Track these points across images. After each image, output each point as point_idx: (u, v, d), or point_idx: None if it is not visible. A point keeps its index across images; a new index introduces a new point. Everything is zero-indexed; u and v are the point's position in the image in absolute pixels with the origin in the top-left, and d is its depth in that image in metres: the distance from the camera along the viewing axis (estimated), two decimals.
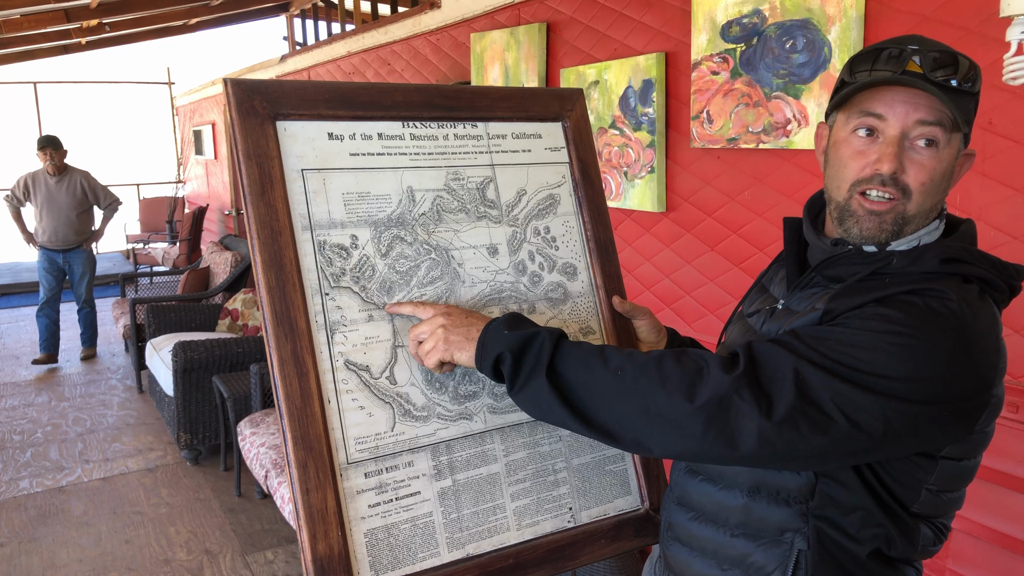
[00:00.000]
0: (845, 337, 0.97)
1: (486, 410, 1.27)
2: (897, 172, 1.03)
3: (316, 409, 1.13)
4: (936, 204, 1.07)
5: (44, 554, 3.45)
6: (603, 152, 3.03)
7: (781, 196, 2.38)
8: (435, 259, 1.28)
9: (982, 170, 1.88)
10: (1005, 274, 1.05)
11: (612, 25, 2.97)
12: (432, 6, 4.21)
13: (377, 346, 1.20)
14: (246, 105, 1.18)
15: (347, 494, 1.14)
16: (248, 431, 3.51)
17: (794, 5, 2.24)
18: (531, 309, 1.34)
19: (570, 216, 1.43)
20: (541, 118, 1.44)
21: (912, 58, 1.02)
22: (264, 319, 1.13)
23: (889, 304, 0.99)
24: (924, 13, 1.96)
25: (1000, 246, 1.84)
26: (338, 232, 1.21)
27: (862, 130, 1.06)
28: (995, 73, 1.80)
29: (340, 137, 1.25)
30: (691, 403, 0.95)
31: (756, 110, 2.39)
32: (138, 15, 6.56)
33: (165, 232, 10.00)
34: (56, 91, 12.33)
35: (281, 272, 1.15)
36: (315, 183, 1.21)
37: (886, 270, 1.07)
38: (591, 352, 1.05)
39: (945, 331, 0.95)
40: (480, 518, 1.23)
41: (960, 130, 1.04)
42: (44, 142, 5.99)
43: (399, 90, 1.31)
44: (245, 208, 1.16)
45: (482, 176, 1.36)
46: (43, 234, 6.08)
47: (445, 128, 1.34)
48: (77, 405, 5.36)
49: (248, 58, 7.52)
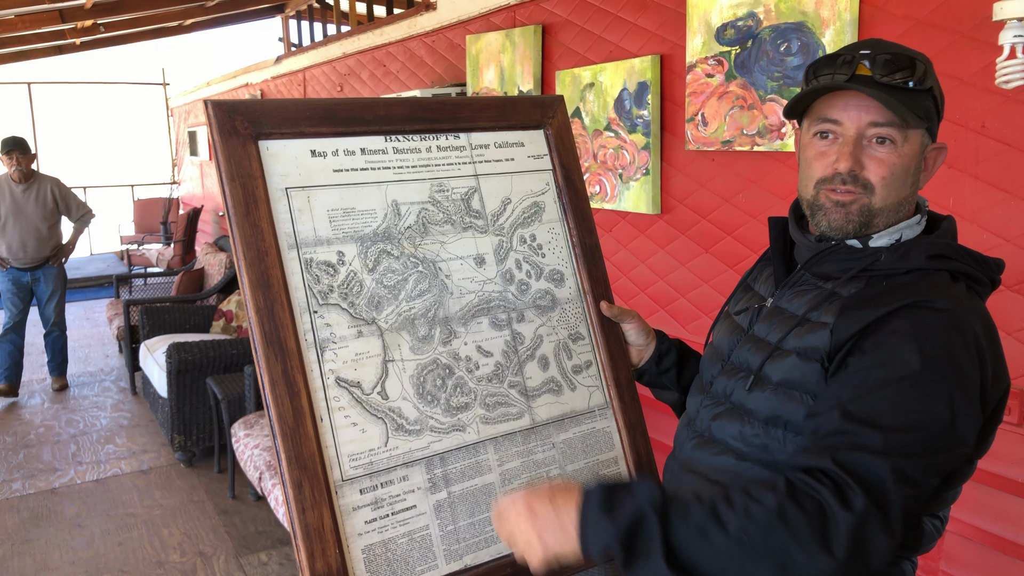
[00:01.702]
0: (893, 401, 0.98)
1: (479, 421, 1.27)
2: (856, 170, 1.09)
3: (309, 428, 1.13)
4: (905, 198, 1.12)
5: (37, 556, 3.43)
6: (598, 154, 3.03)
7: (775, 199, 2.39)
8: (422, 272, 1.28)
9: (975, 173, 1.88)
10: (986, 268, 1.11)
11: (607, 27, 2.98)
12: (428, 8, 4.21)
13: (368, 362, 1.20)
14: (227, 126, 1.18)
15: (343, 511, 1.14)
16: (242, 433, 3.50)
17: (788, 8, 2.24)
18: (520, 317, 1.35)
19: (555, 223, 1.43)
20: (523, 126, 1.45)
21: (862, 62, 1.08)
22: (253, 339, 1.13)
23: (902, 334, 1.00)
24: (917, 17, 1.97)
25: (993, 248, 1.84)
26: (324, 249, 1.21)
27: (821, 134, 1.13)
28: (988, 77, 1.81)
29: (323, 154, 1.25)
30: (832, 556, 0.91)
31: (751, 113, 2.40)
32: (133, 16, 6.55)
33: (159, 233, 9.98)
34: (50, 92, 12.30)
35: (269, 292, 1.15)
36: (299, 201, 1.21)
37: (875, 267, 1.10)
38: (704, 519, 0.95)
39: (967, 347, 1.00)
40: (477, 529, 1.23)
41: (918, 126, 1.08)
42: (10, 144, 5.18)
43: (380, 104, 1.31)
44: (230, 229, 1.15)
45: (466, 187, 1.36)
46: (8, 249, 5.31)
47: (428, 140, 1.35)
48: (70, 407, 5.35)
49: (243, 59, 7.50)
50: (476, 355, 1.30)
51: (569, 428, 1.36)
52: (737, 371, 1.21)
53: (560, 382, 1.36)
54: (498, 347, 1.32)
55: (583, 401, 1.38)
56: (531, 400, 1.33)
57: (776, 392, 1.11)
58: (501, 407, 1.30)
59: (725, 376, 1.23)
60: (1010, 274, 1.83)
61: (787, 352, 1.12)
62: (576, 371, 1.39)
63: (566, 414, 1.36)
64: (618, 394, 1.40)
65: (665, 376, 1.44)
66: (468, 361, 1.29)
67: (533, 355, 1.35)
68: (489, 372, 1.30)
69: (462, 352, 1.28)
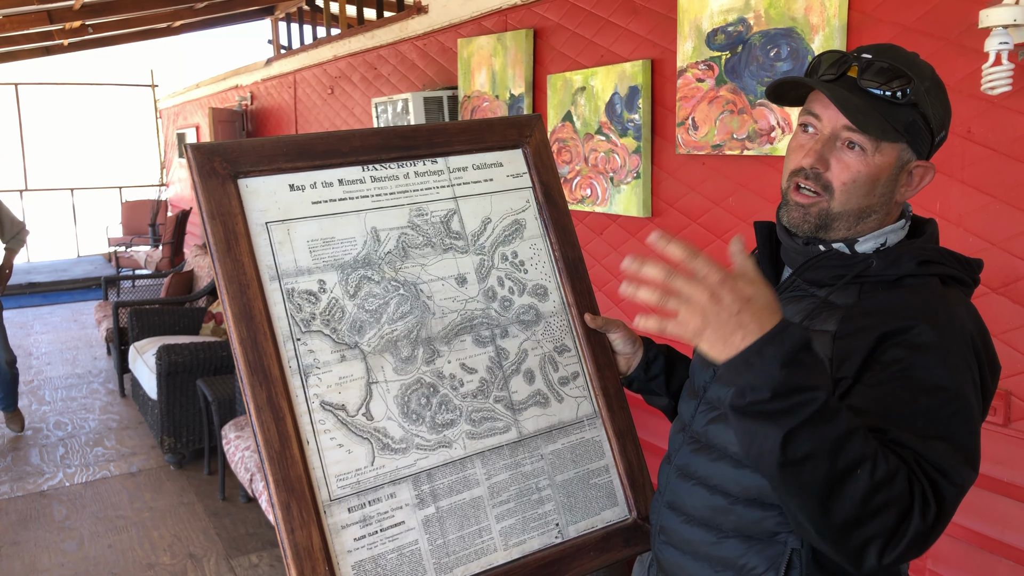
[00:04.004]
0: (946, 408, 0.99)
1: (465, 436, 1.29)
2: (819, 168, 1.10)
3: (295, 451, 1.16)
4: (870, 207, 1.11)
5: (26, 559, 3.42)
6: (589, 158, 3.05)
7: (765, 202, 2.41)
8: (404, 294, 1.30)
9: (961, 178, 1.91)
10: (969, 270, 1.14)
11: (599, 32, 3.00)
12: (419, 11, 4.22)
13: (351, 384, 1.23)
14: (206, 167, 1.22)
15: (332, 530, 1.17)
16: (232, 435, 3.50)
17: (778, 14, 2.27)
18: (504, 333, 1.37)
19: (537, 239, 1.45)
20: (501, 147, 1.47)
21: (854, 63, 1.09)
22: (238, 369, 1.17)
23: (921, 349, 1.01)
24: (905, 23, 2.00)
25: (979, 252, 1.87)
26: (305, 279, 1.24)
27: (803, 126, 1.14)
28: (974, 83, 1.84)
29: (301, 187, 1.28)
30: (882, 557, 0.91)
31: (741, 117, 2.42)
32: (121, 17, 6.52)
33: (148, 235, 9.94)
34: (38, 93, 12.23)
35: (251, 323, 1.18)
36: (280, 234, 1.25)
37: (867, 273, 1.11)
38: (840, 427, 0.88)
39: (964, 338, 1.03)
40: (466, 542, 1.25)
41: (885, 138, 1.07)
42: None
43: (356, 135, 1.34)
44: (213, 265, 1.20)
45: (445, 209, 1.38)
46: None
47: (405, 167, 1.37)
48: (58, 409, 5.32)
49: (233, 61, 7.48)
50: (460, 372, 1.32)
51: (557, 439, 1.37)
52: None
53: (547, 394, 1.38)
54: (482, 363, 1.33)
55: (571, 412, 1.39)
56: (517, 413, 1.35)
57: None
58: (487, 422, 1.31)
59: (719, 382, 1.22)
60: (995, 277, 1.86)
61: None
62: (563, 382, 1.40)
63: (554, 425, 1.37)
64: (606, 403, 1.41)
65: (654, 382, 1.44)
66: (452, 379, 1.31)
67: (518, 369, 1.37)
68: (474, 388, 1.32)
69: (446, 370, 1.30)
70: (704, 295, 0.89)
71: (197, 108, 8.52)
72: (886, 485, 0.88)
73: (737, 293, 0.89)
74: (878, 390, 1.00)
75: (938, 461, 0.94)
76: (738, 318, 0.88)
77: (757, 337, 0.87)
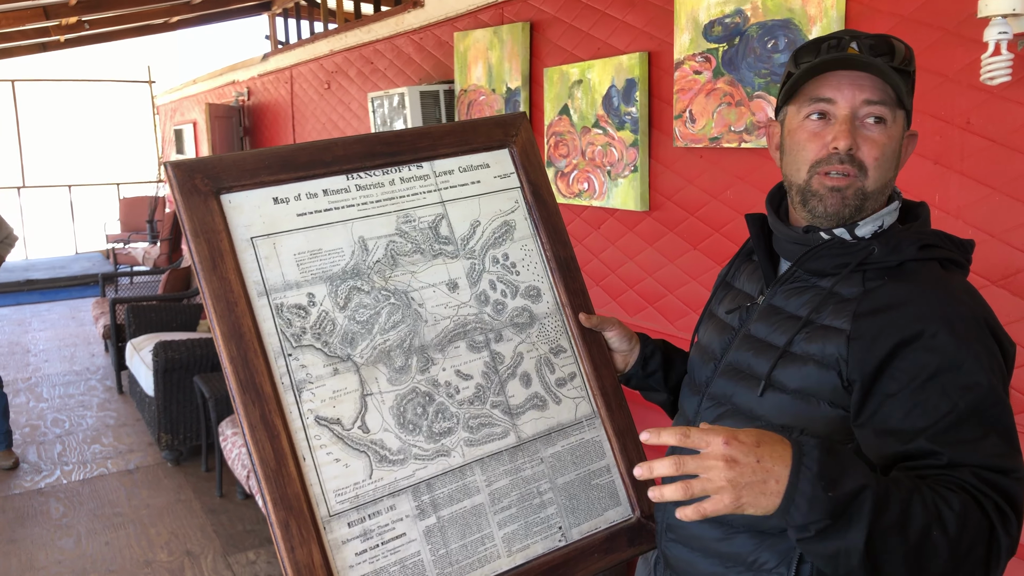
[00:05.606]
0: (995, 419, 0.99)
1: (463, 444, 1.27)
2: (853, 149, 1.08)
3: (291, 469, 1.14)
4: (890, 181, 1.13)
5: (23, 556, 3.41)
6: (586, 151, 3.03)
7: (763, 194, 2.39)
8: (395, 303, 1.28)
9: (960, 169, 1.90)
10: (963, 251, 1.14)
11: (595, 24, 2.98)
12: (415, 5, 4.20)
13: (346, 398, 1.21)
14: (188, 185, 1.19)
15: (332, 546, 1.15)
16: (230, 431, 3.49)
17: (776, 5, 2.25)
18: (498, 337, 1.35)
19: (527, 239, 1.43)
20: (487, 147, 1.44)
21: (851, 44, 1.09)
22: (230, 388, 1.15)
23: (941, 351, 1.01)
24: (903, 14, 1.98)
25: (979, 243, 1.86)
26: (294, 292, 1.22)
27: (815, 115, 1.11)
28: (973, 73, 1.82)
29: (286, 200, 1.26)
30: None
31: (738, 109, 2.40)
32: (118, 13, 6.50)
33: (145, 232, 9.92)
34: (35, 89, 12.21)
35: (241, 341, 1.16)
36: (265, 249, 1.22)
37: (869, 260, 1.09)
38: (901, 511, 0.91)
39: (977, 323, 1.03)
40: (469, 550, 1.24)
41: (903, 107, 1.10)
42: None
43: (338, 144, 1.32)
44: (199, 283, 1.18)
45: (433, 214, 1.36)
46: None
47: (390, 173, 1.35)
48: (56, 406, 5.31)
49: (230, 57, 7.45)
50: (455, 379, 1.30)
51: (557, 442, 1.35)
52: (737, 373, 1.19)
53: (544, 397, 1.36)
54: (477, 369, 1.32)
55: (569, 413, 1.38)
56: (515, 418, 1.33)
57: (795, 399, 1.10)
58: (485, 428, 1.30)
59: (724, 378, 1.21)
60: (995, 269, 1.85)
61: (799, 357, 1.10)
62: (560, 384, 1.38)
63: (553, 428, 1.35)
64: (605, 402, 1.40)
65: (652, 379, 1.43)
66: (448, 386, 1.29)
67: (514, 373, 1.35)
68: (470, 395, 1.30)
69: (441, 378, 1.29)
70: (720, 466, 0.88)
71: (194, 104, 8.50)
72: (962, 529, 0.91)
73: (746, 445, 0.89)
74: (914, 404, 1.00)
75: (996, 463, 0.95)
76: (761, 467, 0.88)
77: (787, 475, 0.88)
